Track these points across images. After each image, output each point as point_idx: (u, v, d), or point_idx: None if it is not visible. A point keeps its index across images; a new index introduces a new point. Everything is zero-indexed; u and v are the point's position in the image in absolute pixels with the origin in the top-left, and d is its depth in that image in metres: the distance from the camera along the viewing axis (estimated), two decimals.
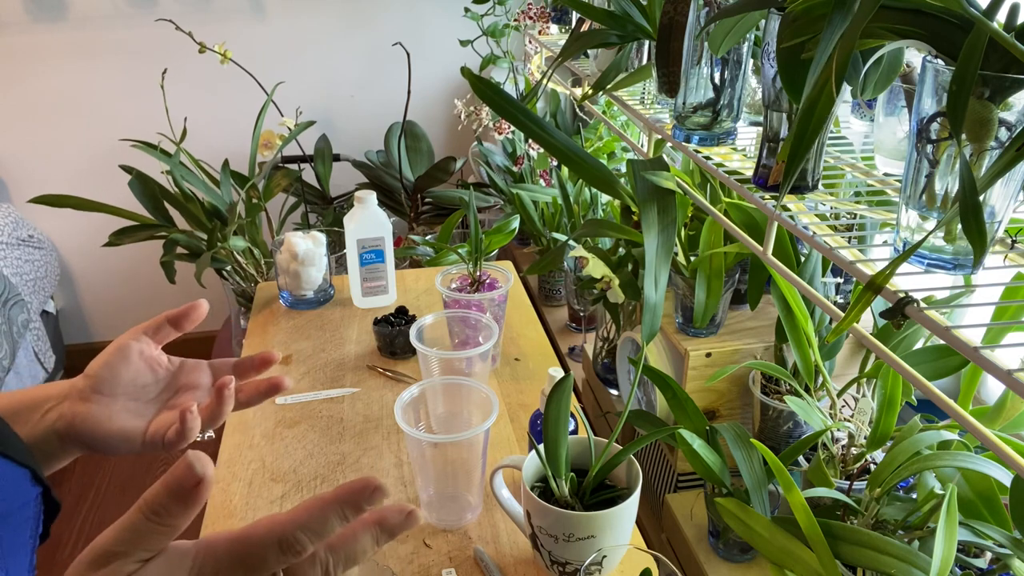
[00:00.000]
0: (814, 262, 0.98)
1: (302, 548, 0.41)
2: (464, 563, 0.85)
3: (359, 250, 1.31)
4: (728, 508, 0.81)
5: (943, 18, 0.50)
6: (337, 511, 0.42)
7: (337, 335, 1.31)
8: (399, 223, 2.28)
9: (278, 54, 2.39)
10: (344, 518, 0.42)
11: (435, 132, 2.57)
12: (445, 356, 1.01)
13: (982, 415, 0.82)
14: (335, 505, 0.42)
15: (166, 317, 0.66)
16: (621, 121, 1.71)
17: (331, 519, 0.42)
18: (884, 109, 0.73)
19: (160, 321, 0.66)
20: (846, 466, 0.93)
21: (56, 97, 2.33)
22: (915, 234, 0.55)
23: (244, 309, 1.93)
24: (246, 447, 1.04)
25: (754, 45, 0.77)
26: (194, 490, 0.39)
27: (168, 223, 1.76)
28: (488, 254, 1.64)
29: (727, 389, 1.11)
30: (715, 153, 0.84)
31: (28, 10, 2.23)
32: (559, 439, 0.79)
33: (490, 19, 2.08)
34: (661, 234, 0.78)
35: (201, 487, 0.39)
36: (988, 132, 0.48)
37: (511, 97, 0.87)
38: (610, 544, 0.76)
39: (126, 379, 0.63)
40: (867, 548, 0.70)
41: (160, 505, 0.39)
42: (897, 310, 0.52)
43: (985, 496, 0.76)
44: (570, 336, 1.84)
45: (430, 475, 0.89)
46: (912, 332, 0.93)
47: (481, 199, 2.11)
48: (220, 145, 2.28)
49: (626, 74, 1.05)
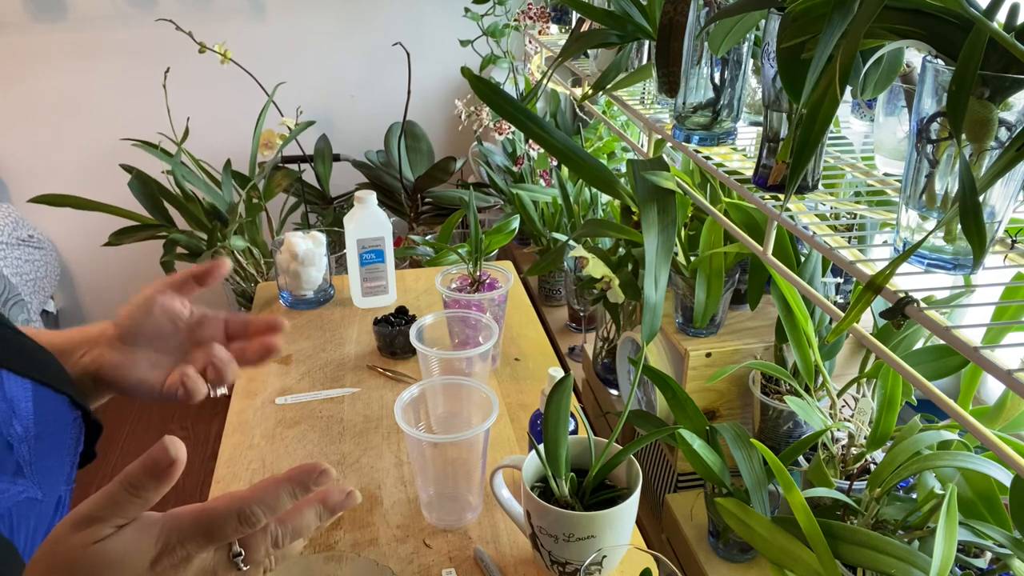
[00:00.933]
0: (814, 262, 0.98)
1: (257, 520, 0.47)
2: (464, 563, 0.85)
3: (359, 250, 1.31)
4: (728, 508, 0.81)
5: (943, 18, 0.50)
6: (288, 489, 0.49)
7: (337, 335, 1.31)
8: (399, 223, 2.28)
9: (278, 54, 2.39)
10: (294, 495, 0.49)
11: (435, 132, 2.57)
12: (445, 356, 1.01)
13: (982, 415, 0.82)
14: (287, 484, 0.49)
15: (191, 273, 0.70)
16: (621, 121, 1.71)
17: (283, 496, 0.48)
18: (884, 109, 0.73)
19: (186, 276, 0.70)
20: (846, 466, 0.93)
21: (56, 97, 2.33)
22: (915, 234, 0.55)
23: (244, 309, 1.93)
24: (246, 447, 1.04)
25: (754, 45, 0.77)
26: (167, 469, 0.45)
27: (168, 223, 1.76)
28: (488, 254, 1.64)
29: (727, 389, 1.11)
30: (715, 153, 0.84)
31: (28, 10, 2.23)
32: (559, 439, 0.79)
33: (490, 19, 2.08)
34: (661, 234, 0.78)
35: (173, 467, 0.45)
36: (988, 132, 0.48)
37: (511, 97, 0.87)
38: (610, 544, 0.76)
39: (148, 331, 0.68)
40: (867, 548, 0.70)
41: (137, 479, 0.45)
42: (897, 310, 0.52)
43: (985, 496, 0.76)
44: (570, 336, 1.84)
45: (430, 475, 0.89)
46: (912, 332, 0.93)
47: (481, 199, 2.11)
48: (220, 145, 2.28)
49: (626, 74, 1.05)
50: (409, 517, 0.91)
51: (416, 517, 0.91)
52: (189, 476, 2.27)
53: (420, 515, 0.91)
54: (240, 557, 0.48)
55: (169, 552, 0.46)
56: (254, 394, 1.16)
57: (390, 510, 0.92)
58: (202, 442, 2.41)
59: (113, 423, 2.48)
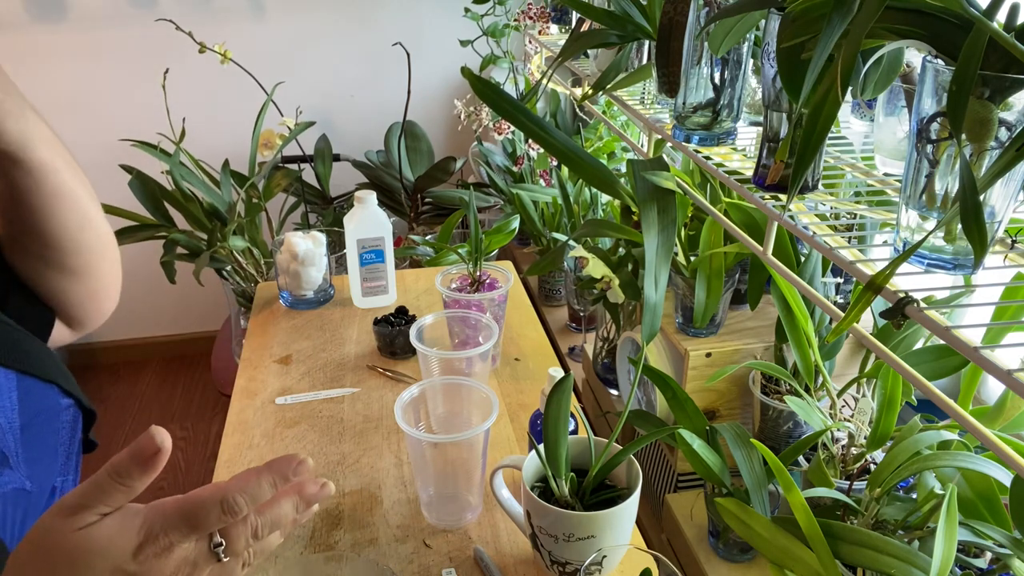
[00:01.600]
0: (814, 262, 0.98)
1: (240, 509, 0.48)
2: (464, 563, 0.85)
3: (359, 250, 1.31)
4: (728, 508, 0.81)
5: (943, 18, 0.50)
6: (268, 479, 0.50)
7: (337, 335, 1.31)
8: (399, 223, 2.28)
9: (278, 54, 2.39)
10: (274, 485, 0.50)
11: (435, 132, 2.57)
12: (445, 356, 1.01)
13: (982, 415, 0.82)
14: (267, 474, 0.50)
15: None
16: (621, 121, 1.71)
17: (264, 485, 0.50)
18: (884, 109, 0.73)
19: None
20: (846, 466, 0.93)
21: (56, 97, 2.33)
22: (915, 234, 0.55)
23: (244, 309, 1.93)
24: (246, 447, 1.04)
25: (754, 45, 0.77)
26: (153, 457, 0.46)
27: (168, 223, 1.76)
28: (488, 254, 1.64)
29: (727, 389, 1.11)
30: (715, 153, 0.84)
31: (28, 10, 2.23)
32: (559, 439, 0.79)
33: (490, 19, 2.08)
34: (661, 234, 0.78)
35: (159, 456, 0.46)
36: (988, 132, 0.48)
37: (511, 97, 0.87)
38: (610, 544, 0.76)
39: None
40: (867, 548, 0.70)
41: (123, 467, 0.46)
42: (897, 310, 0.52)
43: (985, 496, 0.76)
44: (570, 336, 1.84)
45: (430, 475, 0.89)
46: (912, 332, 0.93)
47: (481, 199, 2.11)
48: (220, 145, 2.28)
49: (626, 74, 1.04)
50: (409, 517, 0.91)
51: (416, 517, 0.91)
52: (189, 476, 2.27)
53: (420, 515, 0.91)
54: (221, 548, 0.49)
55: (152, 541, 0.47)
56: (254, 394, 1.16)
57: (390, 510, 0.92)
58: (202, 442, 2.41)
59: (113, 423, 2.48)
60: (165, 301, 2.67)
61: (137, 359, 2.80)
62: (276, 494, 0.51)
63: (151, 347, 2.80)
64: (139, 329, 2.77)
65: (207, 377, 2.71)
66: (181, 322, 2.79)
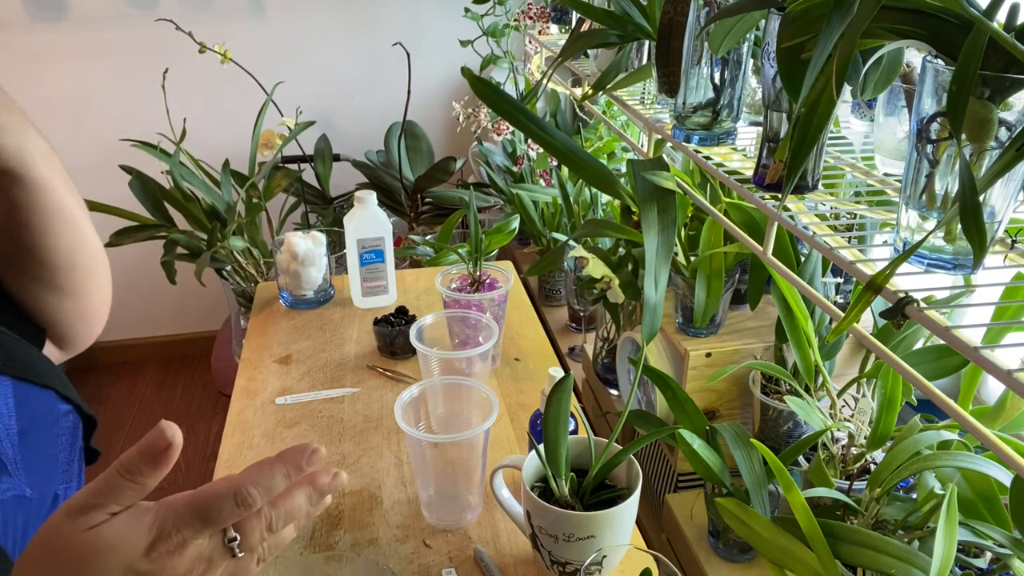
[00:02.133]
0: (814, 262, 0.98)
1: (254, 501, 0.47)
2: (464, 563, 0.85)
3: (359, 250, 1.31)
4: (728, 508, 0.81)
5: (943, 18, 0.50)
6: (281, 470, 0.49)
7: (337, 335, 1.31)
8: (399, 223, 2.28)
9: (278, 54, 2.39)
10: (287, 476, 0.49)
11: (435, 132, 2.57)
12: (445, 356, 1.01)
13: (982, 415, 0.82)
14: (280, 465, 0.49)
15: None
16: (621, 121, 1.71)
17: (277, 476, 0.48)
18: (884, 109, 0.73)
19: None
20: (846, 466, 0.93)
21: (56, 97, 2.33)
22: (915, 234, 0.55)
23: (244, 309, 1.93)
24: (246, 447, 1.04)
25: (754, 45, 0.77)
26: (164, 452, 0.45)
27: (168, 223, 1.76)
28: (488, 254, 1.64)
29: (727, 389, 1.11)
30: (715, 153, 0.84)
31: (28, 10, 2.22)
32: (559, 439, 0.79)
33: (490, 19, 2.08)
34: (661, 234, 0.78)
35: (169, 451, 0.45)
36: (988, 132, 0.48)
37: (511, 97, 0.87)
38: (610, 544, 0.76)
39: None
40: (867, 548, 0.70)
41: (133, 464, 0.45)
42: (897, 310, 0.52)
43: (985, 496, 0.76)
44: (570, 336, 1.84)
45: (430, 475, 0.89)
46: (912, 332, 0.93)
47: (481, 199, 2.11)
48: (220, 145, 2.28)
49: (626, 74, 1.04)
50: (409, 517, 0.91)
51: (416, 517, 0.91)
52: (189, 476, 2.27)
53: (420, 515, 0.91)
54: (235, 542, 0.47)
55: (165, 538, 0.45)
56: (254, 394, 1.16)
57: (390, 510, 0.92)
58: (202, 442, 2.41)
59: (114, 423, 2.48)
60: (165, 301, 2.67)
61: (137, 359, 2.80)
62: (290, 486, 0.50)
63: (151, 347, 2.80)
64: (139, 329, 2.77)
65: (207, 377, 2.71)
66: (181, 322, 2.79)
